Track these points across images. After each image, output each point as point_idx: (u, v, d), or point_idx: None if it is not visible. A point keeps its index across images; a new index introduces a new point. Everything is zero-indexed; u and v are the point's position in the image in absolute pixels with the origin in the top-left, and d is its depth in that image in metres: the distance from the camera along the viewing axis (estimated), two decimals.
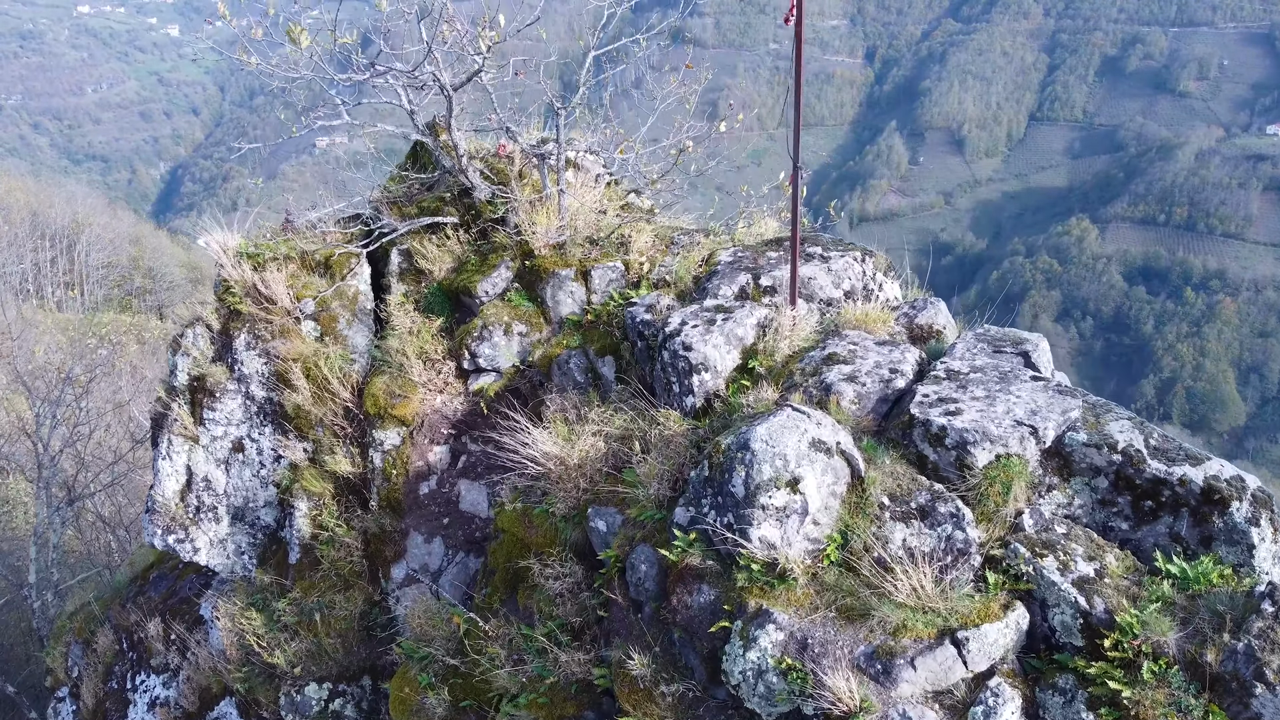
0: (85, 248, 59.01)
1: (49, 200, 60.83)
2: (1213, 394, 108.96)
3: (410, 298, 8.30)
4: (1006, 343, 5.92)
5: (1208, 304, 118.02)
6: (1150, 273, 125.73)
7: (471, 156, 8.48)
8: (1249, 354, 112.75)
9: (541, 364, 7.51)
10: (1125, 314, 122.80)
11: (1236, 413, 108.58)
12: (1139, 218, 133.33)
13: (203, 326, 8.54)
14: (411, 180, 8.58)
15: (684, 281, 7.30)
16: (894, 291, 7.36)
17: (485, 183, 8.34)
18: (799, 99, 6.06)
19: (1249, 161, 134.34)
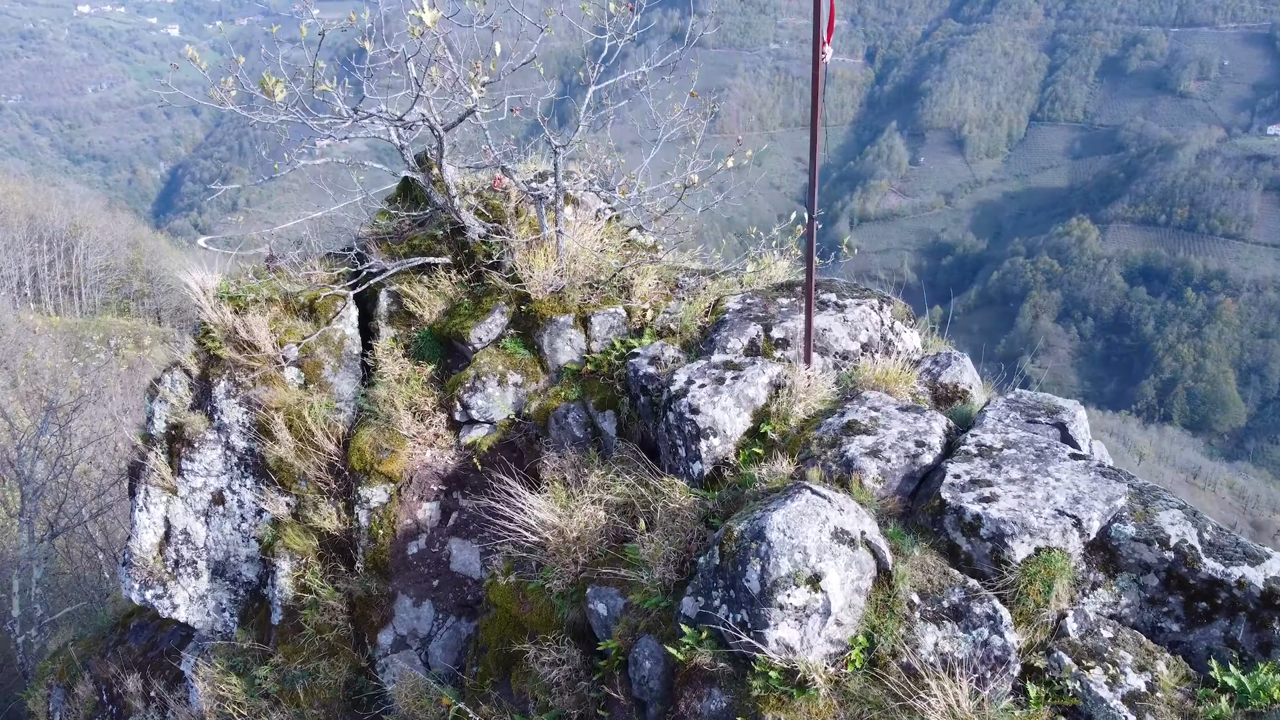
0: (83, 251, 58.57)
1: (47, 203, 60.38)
2: (1213, 395, 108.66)
3: (400, 342, 7.85)
4: (1041, 411, 5.48)
5: (1208, 305, 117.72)
6: (1151, 273, 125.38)
7: (465, 192, 8.04)
8: (1249, 355, 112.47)
9: (538, 416, 7.06)
10: (1126, 314, 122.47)
11: (1237, 413, 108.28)
12: (1140, 218, 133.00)
13: (181, 372, 8.10)
14: (401, 217, 8.12)
15: (690, 331, 6.85)
16: (913, 341, 6.92)
17: (479, 221, 7.89)
18: (815, 147, 5.62)
19: (1250, 162, 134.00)
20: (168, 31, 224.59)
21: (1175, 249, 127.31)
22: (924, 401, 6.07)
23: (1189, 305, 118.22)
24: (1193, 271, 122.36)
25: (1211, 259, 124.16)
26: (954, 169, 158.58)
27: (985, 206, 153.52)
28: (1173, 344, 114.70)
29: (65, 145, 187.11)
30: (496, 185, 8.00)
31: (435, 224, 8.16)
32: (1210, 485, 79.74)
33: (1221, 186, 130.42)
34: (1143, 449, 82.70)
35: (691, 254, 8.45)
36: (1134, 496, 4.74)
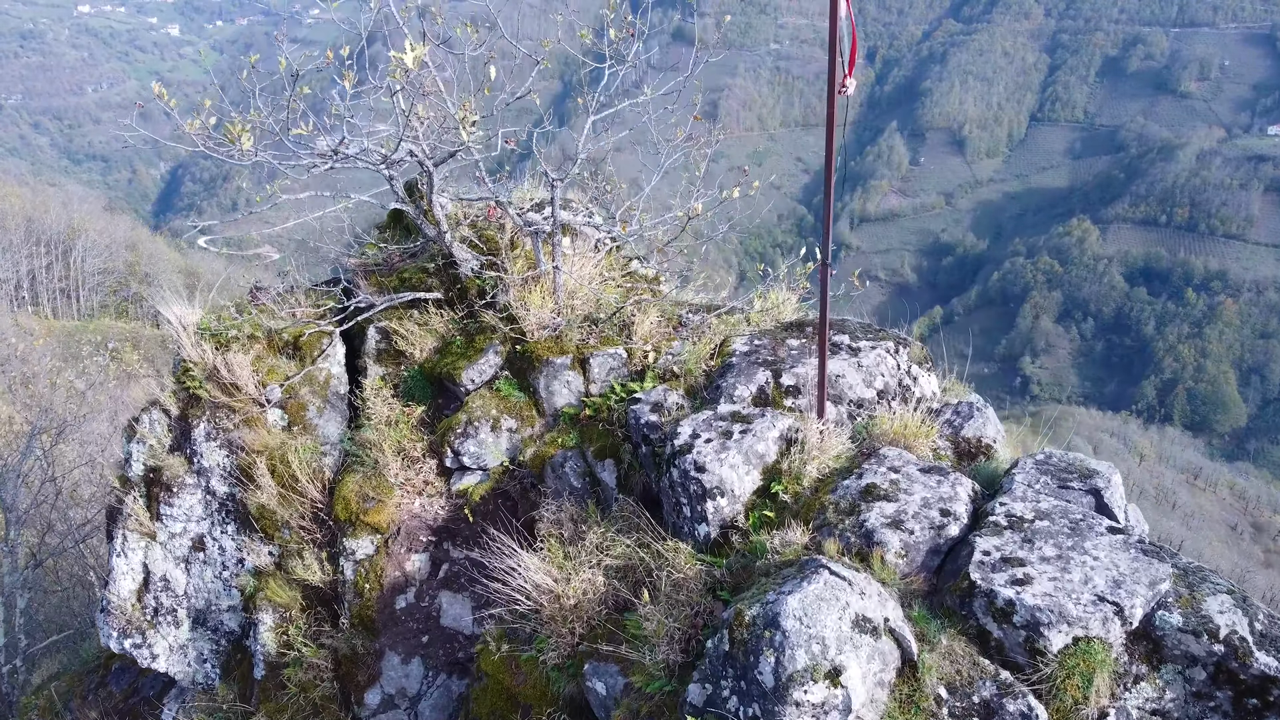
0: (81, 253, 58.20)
1: (45, 206, 60.02)
2: (1214, 395, 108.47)
3: (388, 382, 7.47)
4: (1073, 475, 5.10)
5: (1209, 305, 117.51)
6: (1151, 274, 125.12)
7: (457, 223, 7.66)
8: (1250, 355, 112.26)
9: (533, 464, 6.68)
10: (1126, 315, 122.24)
11: (1238, 414, 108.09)
12: (1140, 218, 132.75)
13: (160, 411, 7.71)
14: (390, 250, 7.74)
15: (694, 375, 6.47)
16: (931, 386, 6.54)
17: (472, 254, 7.51)
18: (829, 189, 5.24)
19: (1250, 162, 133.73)
20: (168, 31, 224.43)
21: (1176, 249, 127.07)
22: (946, 458, 5.70)
23: (1189, 306, 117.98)
24: (1193, 272, 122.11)
25: (1212, 259, 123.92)
26: (954, 169, 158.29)
27: (985, 207, 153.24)
28: (1173, 344, 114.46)
29: (65, 145, 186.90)
30: (491, 215, 7.62)
31: (426, 256, 7.78)
32: (1211, 486, 79.45)
33: (1222, 187, 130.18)
34: (1143, 449, 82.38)
35: (694, 285, 8.07)
36: (1178, 578, 4.37)
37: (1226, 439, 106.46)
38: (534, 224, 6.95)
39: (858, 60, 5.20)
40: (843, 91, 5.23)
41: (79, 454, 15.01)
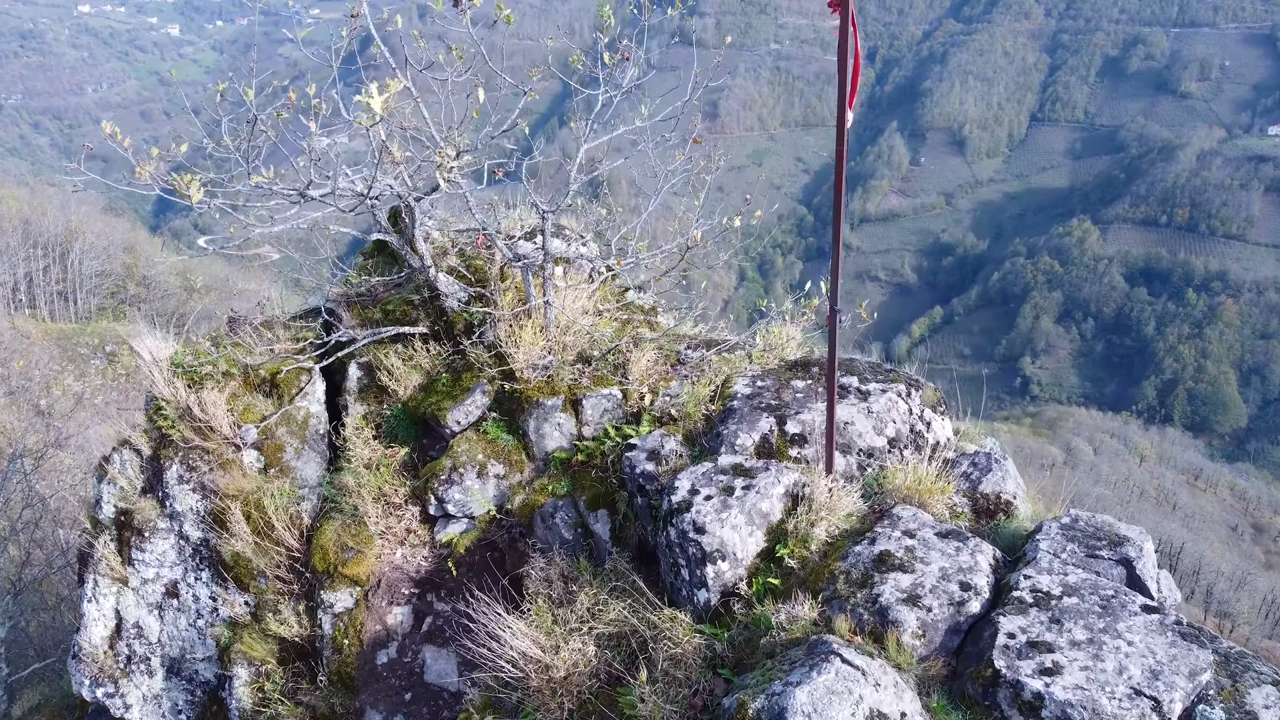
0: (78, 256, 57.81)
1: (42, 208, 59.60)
2: (1214, 396, 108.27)
3: (370, 421, 7.08)
4: (1102, 542, 4.72)
5: (1209, 305, 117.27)
6: (1152, 274, 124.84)
7: (444, 252, 7.27)
8: (1250, 356, 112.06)
9: (522, 513, 6.30)
10: (1127, 315, 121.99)
11: (1238, 415, 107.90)
12: (1140, 219, 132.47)
13: (131, 451, 7.33)
14: (374, 282, 7.35)
15: (693, 419, 6.09)
16: (945, 432, 6.15)
17: (460, 285, 7.12)
18: (838, 229, 4.86)
19: (1250, 163, 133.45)
20: (168, 31, 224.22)
21: (1176, 250, 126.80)
22: (963, 517, 5.32)
23: (1190, 306, 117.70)
24: (1193, 272, 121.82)
25: (1212, 260, 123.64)
26: (954, 169, 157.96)
27: (986, 207, 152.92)
28: (1173, 345, 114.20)
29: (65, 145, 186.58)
30: (480, 244, 7.24)
31: (412, 287, 7.40)
32: (1211, 487, 79.15)
33: (1222, 187, 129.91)
34: (1144, 450, 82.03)
35: (692, 314, 7.69)
36: (1220, 666, 3.99)
37: (1227, 439, 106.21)
38: (525, 256, 6.57)
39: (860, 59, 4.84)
40: (846, 122, 4.85)
41: (74, 460, 14.61)
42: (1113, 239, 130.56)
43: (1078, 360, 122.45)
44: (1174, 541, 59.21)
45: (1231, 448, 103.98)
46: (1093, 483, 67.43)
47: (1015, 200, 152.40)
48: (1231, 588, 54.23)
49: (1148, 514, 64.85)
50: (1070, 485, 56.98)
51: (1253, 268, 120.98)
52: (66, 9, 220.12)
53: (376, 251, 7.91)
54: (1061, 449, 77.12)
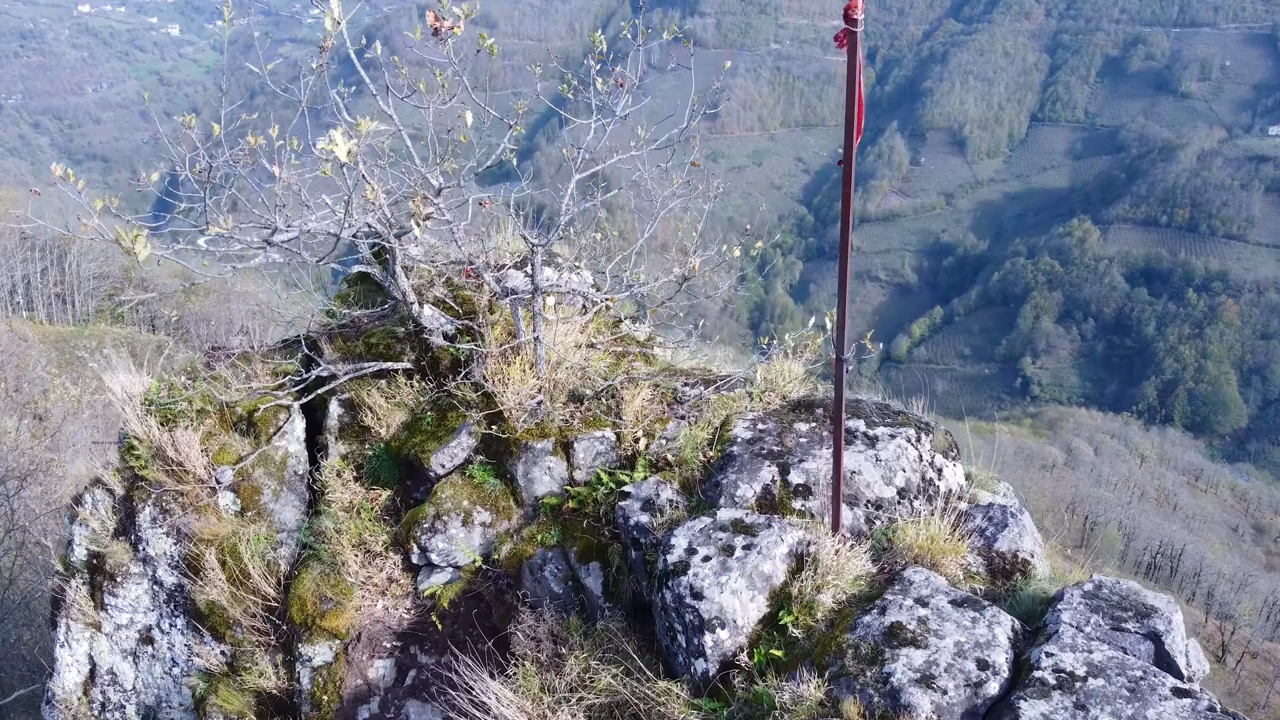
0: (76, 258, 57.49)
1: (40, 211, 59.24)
2: (1214, 396, 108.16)
3: (352, 461, 6.76)
4: (1129, 614, 4.39)
5: (1210, 306, 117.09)
6: (1152, 274, 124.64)
7: (430, 282, 6.95)
8: (1251, 356, 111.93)
9: (509, 563, 5.97)
10: (1127, 315, 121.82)
11: (1238, 415, 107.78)
12: (1141, 219, 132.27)
13: (103, 491, 7.00)
14: (358, 315, 7.02)
15: (691, 465, 5.76)
16: (957, 479, 5.83)
17: (446, 317, 6.79)
18: (844, 274, 4.53)
19: (1251, 163, 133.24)
20: (168, 31, 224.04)
21: (1176, 250, 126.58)
22: (978, 578, 4.99)
23: (1190, 306, 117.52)
24: (1194, 272, 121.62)
25: (1213, 260, 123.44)
26: (955, 169, 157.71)
27: (986, 207, 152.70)
28: (1174, 345, 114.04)
29: (66, 145, 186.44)
30: (468, 274, 6.91)
31: (397, 318, 7.07)
32: (1212, 488, 78.92)
33: (1223, 187, 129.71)
34: (1144, 451, 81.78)
35: (691, 349, 7.36)
36: None
37: (1227, 440, 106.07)
38: (514, 290, 6.24)
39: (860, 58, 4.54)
40: (842, 163, 4.53)
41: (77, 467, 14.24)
42: (1113, 239, 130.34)
43: (1078, 360, 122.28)
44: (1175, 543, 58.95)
45: (1232, 448, 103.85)
46: (1093, 484, 67.14)
47: (1016, 200, 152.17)
48: (1232, 590, 53.92)
49: (1148, 515, 64.56)
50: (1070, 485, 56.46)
51: (1253, 268, 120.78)
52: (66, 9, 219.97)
53: (360, 280, 7.59)
54: (1062, 450, 76.84)
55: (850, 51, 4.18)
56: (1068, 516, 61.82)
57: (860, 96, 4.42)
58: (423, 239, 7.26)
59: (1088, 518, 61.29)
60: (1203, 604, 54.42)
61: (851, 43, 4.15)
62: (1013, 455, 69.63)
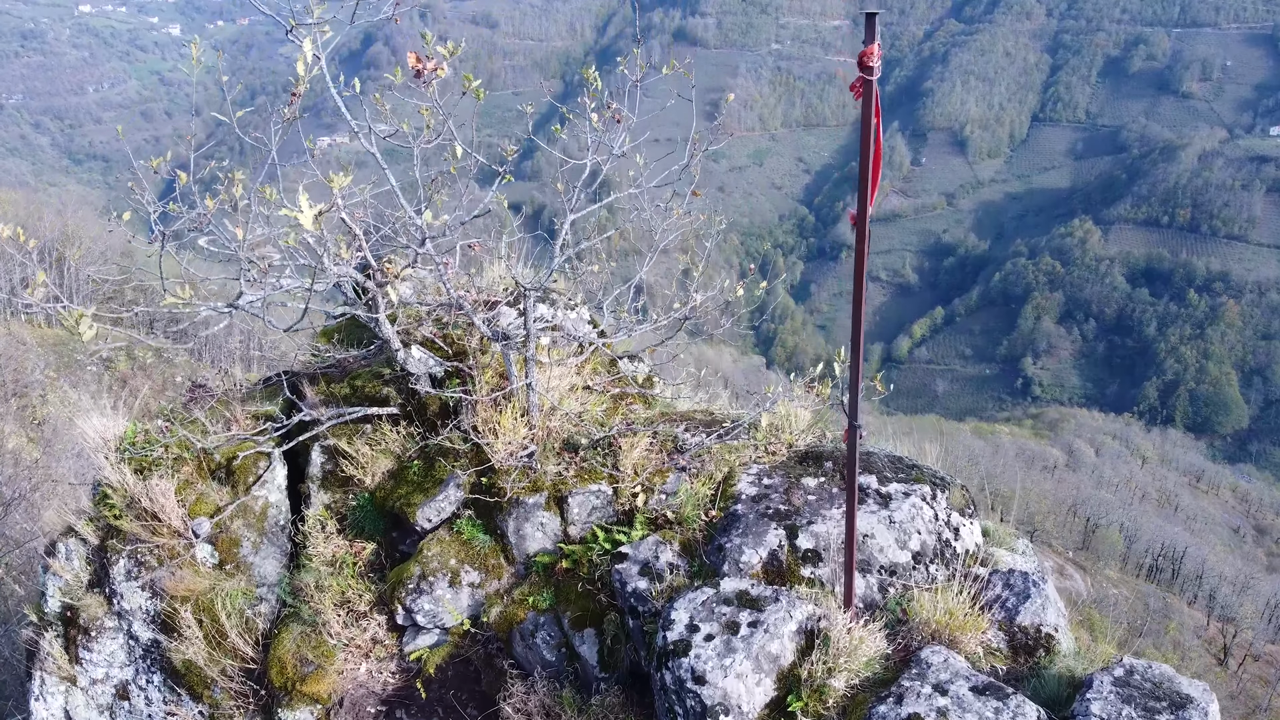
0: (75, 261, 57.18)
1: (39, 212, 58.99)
2: (1216, 397, 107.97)
3: (335, 511, 6.43)
4: (1162, 703, 4.06)
5: (1211, 306, 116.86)
6: (1153, 274, 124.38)
7: (418, 320, 6.62)
8: (1252, 357, 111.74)
9: (500, 626, 5.64)
10: (1128, 316, 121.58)
11: (1239, 416, 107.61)
12: (1142, 219, 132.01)
13: (77, 541, 6.68)
14: (345, 356, 6.70)
15: (692, 524, 5.43)
16: (974, 538, 5.50)
17: (435, 358, 6.47)
18: (858, 339, 4.21)
19: (1252, 163, 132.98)
20: (169, 31, 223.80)
21: (1178, 250, 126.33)
22: (1000, 656, 4.66)
23: (1191, 307, 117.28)
24: (1195, 273, 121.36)
25: (1214, 260, 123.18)
26: (956, 169, 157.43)
27: (987, 207, 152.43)
28: (1175, 346, 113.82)
29: (66, 145, 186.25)
30: (455, 317, 6.58)
31: (383, 358, 6.74)
32: (1213, 489, 78.68)
33: (1224, 188, 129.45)
34: (1145, 452, 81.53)
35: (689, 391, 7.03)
36: None
37: (1229, 441, 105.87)
38: (506, 335, 5.90)
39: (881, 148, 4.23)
40: (852, 221, 4.22)
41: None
42: (1114, 239, 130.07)
43: (1079, 361, 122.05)
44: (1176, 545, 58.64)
45: (1233, 449, 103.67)
46: (1095, 485, 66.82)
47: (1017, 200, 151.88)
48: (1234, 592, 53.60)
49: (1150, 516, 64.28)
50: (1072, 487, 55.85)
51: (1254, 268, 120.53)
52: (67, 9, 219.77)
53: (345, 319, 7.25)
54: (1063, 451, 76.52)
55: (865, 102, 3.86)
56: (1069, 518, 61.51)
57: (878, 147, 4.10)
58: (412, 274, 6.94)
59: (1089, 519, 60.97)
60: (1204, 606, 54.12)
61: (867, 92, 3.82)
62: (1014, 457, 69.31)
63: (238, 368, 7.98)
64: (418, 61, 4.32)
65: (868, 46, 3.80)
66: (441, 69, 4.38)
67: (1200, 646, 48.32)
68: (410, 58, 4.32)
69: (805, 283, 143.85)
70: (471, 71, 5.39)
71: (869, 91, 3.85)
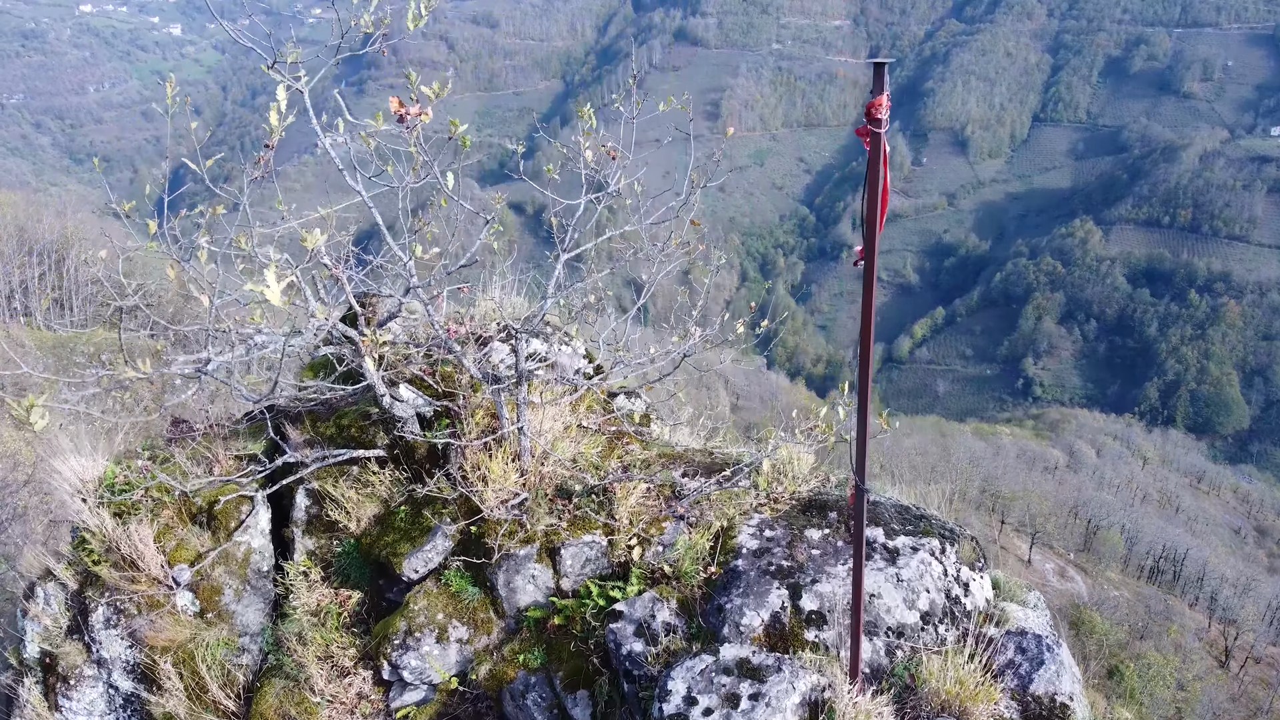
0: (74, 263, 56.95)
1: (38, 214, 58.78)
2: (1217, 397, 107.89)
3: (319, 558, 6.21)
4: None
5: (1212, 306, 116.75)
6: (1154, 275, 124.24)
7: (406, 357, 6.39)
8: (1253, 357, 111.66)
9: (488, 685, 5.42)
10: (1129, 316, 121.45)
11: (1240, 416, 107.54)
12: (1143, 219, 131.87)
13: (56, 585, 6.45)
14: (332, 395, 6.47)
15: (690, 580, 5.21)
16: (984, 593, 5.27)
17: (425, 398, 6.24)
18: (865, 399, 3.98)
19: (1253, 163, 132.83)
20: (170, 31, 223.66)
21: (1179, 250, 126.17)
22: None
23: (1192, 307, 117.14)
24: (1196, 273, 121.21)
25: (1215, 261, 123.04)
26: (957, 169, 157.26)
27: (988, 207, 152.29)
28: (1176, 346, 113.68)
29: (67, 145, 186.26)
30: (444, 353, 6.35)
31: (370, 397, 6.51)
32: (1214, 489, 78.54)
33: (1225, 188, 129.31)
34: (1146, 453, 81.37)
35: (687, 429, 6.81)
36: None
37: (1230, 441, 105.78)
38: (498, 369, 5.68)
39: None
40: (857, 264, 4.01)
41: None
42: (1115, 240, 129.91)
43: (1080, 361, 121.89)
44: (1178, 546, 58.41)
45: (1234, 449, 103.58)
46: (1096, 486, 66.61)
47: (1017, 201, 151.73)
48: (1236, 594, 53.38)
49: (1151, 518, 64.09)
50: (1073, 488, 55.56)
51: (1255, 269, 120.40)
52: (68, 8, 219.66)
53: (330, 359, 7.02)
54: (1064, 452, 76.32)
55: (874, 153, 3.63)
56: (1070, 520, 61.29)
57: (885, 192, 3.88)
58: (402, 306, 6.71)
59: (1090, 521, 60.76)
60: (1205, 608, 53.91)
61: (875, 145, 3.60)
62: (1015, 458, 69.13)
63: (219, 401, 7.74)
64: (400, 106, 4.10)
65: (875, 98, 3.58)
66: (425, 114, 4.16)
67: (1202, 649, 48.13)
68: (392, 103, 4.10)
69: (806, 283, 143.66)
70: (472, 72, 5.18)
71: (877, 144, 3.63)
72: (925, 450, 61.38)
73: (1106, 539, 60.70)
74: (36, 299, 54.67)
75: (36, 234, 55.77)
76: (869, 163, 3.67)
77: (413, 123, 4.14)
